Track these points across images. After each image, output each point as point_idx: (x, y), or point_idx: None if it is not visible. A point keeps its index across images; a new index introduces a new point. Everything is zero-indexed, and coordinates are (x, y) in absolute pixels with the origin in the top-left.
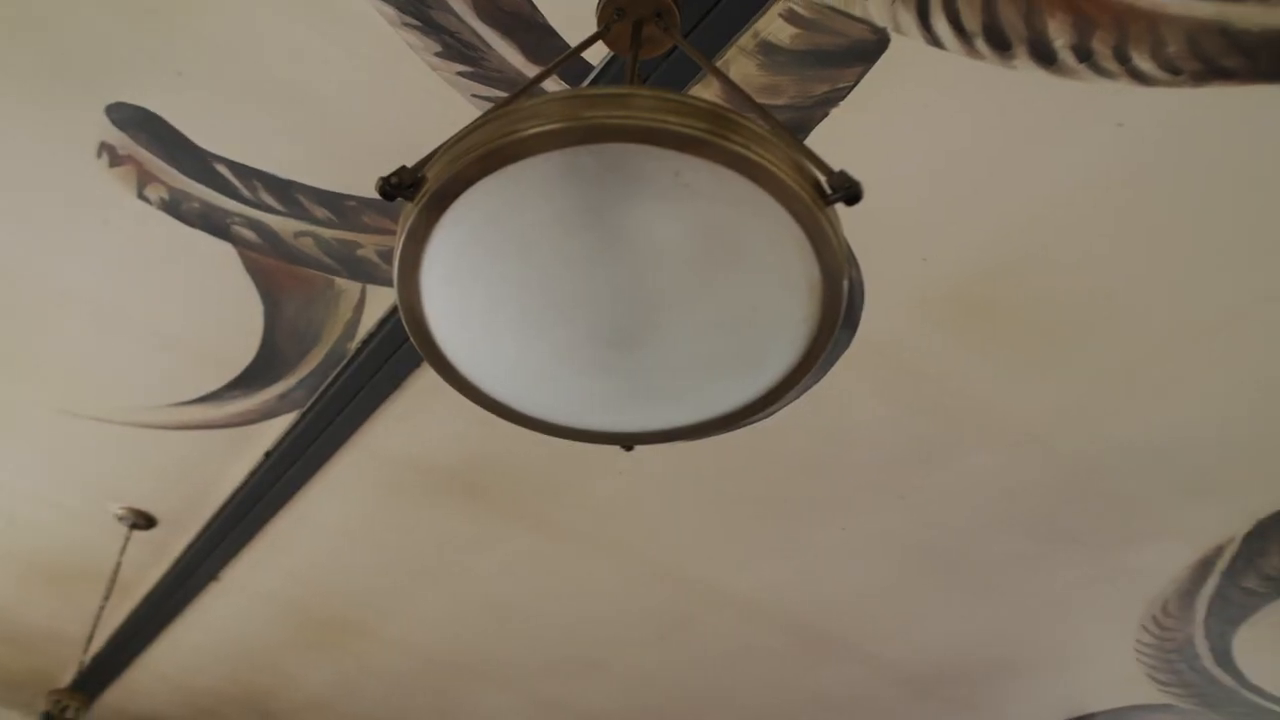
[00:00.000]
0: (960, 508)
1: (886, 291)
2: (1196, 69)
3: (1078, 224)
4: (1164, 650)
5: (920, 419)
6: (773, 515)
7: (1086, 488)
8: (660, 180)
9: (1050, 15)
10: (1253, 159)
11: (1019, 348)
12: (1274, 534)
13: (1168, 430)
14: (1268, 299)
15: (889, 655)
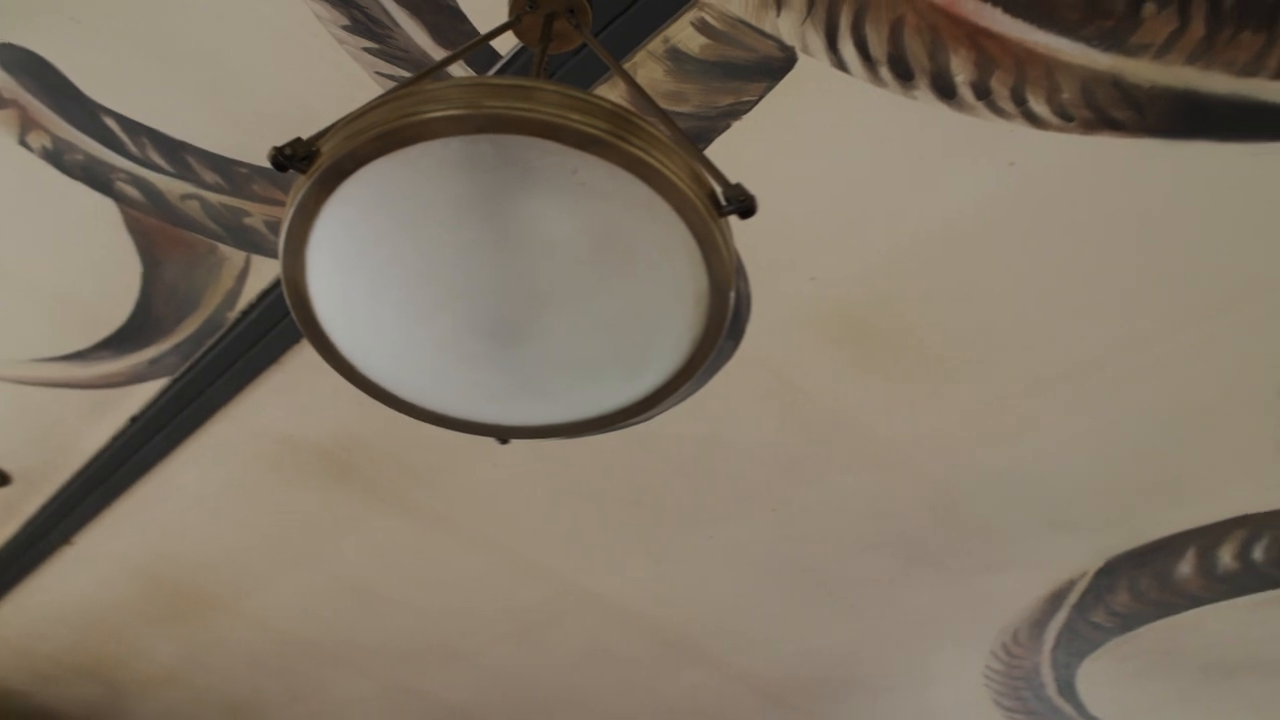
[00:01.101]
0: (828, 525)
1: (772, 307)
2: (1088, 117)
3: (964, 257)
4: (1011, 677)
5: (795, 435)
6: (643, 519)
7: (951, 514)
8: (557, 176)
9: (954, 51)
10: (1133, 210)
11: (897, 372)
12: (1124, 572)
13: (1033, 464)
14: (1136, 345)
15: (746, 665)
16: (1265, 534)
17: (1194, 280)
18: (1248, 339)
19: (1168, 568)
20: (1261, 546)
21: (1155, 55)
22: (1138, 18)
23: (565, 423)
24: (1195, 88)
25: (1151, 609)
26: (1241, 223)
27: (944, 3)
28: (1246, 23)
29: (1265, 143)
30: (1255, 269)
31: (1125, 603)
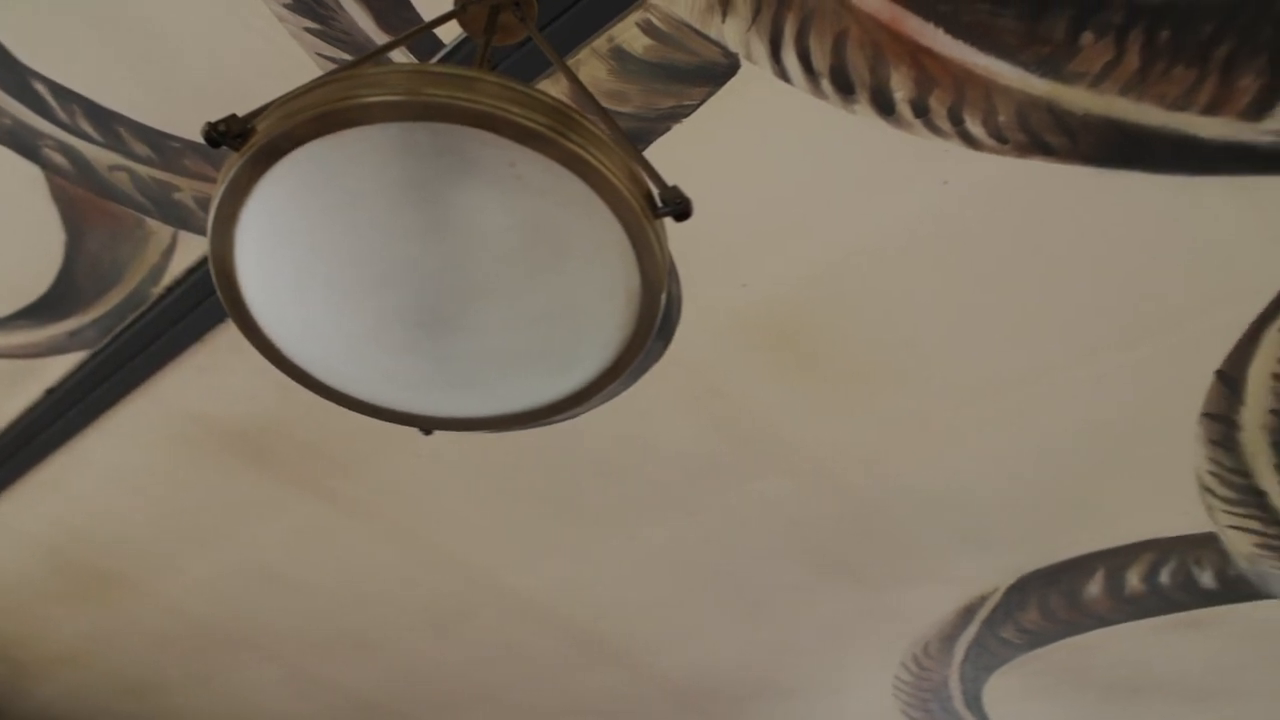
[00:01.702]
0: (746, 530)
1: (703, 310)
2: (1022, 141)
3: (893, 271)
4: (920, 689)
5: (718, 439)
6: (563, 516)
7: (868, 525)
8: (494, 169)
9: (895, 67)
10: (1062, 234)
11: (823, 383)
12: (1034, 590)
13: (951, 480)
14: (1058, 366)
15: (659, 666)
16: (1172, 558)
17: (1118, 306)
18: (1167, 366)
19: (1077, 587)
20: (1168, 570)
21: (1090, 84)
22: (1075, 46)
23: (490, 416)
24: (1127, 118)
25: (1059, 627)
26: (1166, 253)
27: (888, 19)
28: (1179, 58)
29: (1191, 176)
30: (1177, 299)
31: (1034, 620)
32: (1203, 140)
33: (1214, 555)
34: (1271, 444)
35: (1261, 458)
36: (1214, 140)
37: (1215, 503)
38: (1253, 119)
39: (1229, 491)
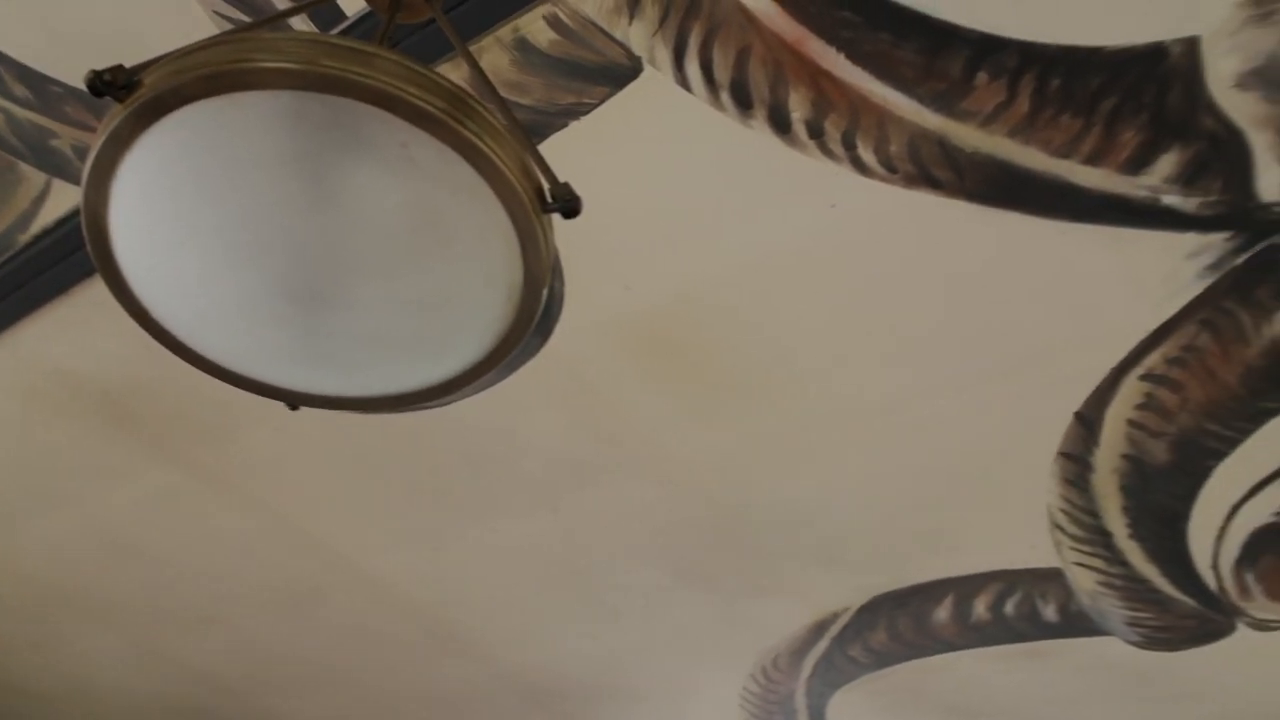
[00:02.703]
0: (606, 531)
1: (584, 309)
2: (911, 172)
3: (776, 287)
4: (766, 701)
5: (588, 439)
6: (426, 503)
7: (728, 536)
8: (386, 148)
9: (794, 88)
10: (941, 266)
11: (696, 392)
12: (885, 611)
13: (813, 497)
14: (926, 395)
15: (511, 661)
16: (1019, 590)
17: (988, 341)
18: (1030, 404)
19: (926, 611)
20: (1014, 601)
21: (981, 123)
22: (970, 85)
23: (359, 397)
24: (1013, 160)
25: (906, 649)
26: (1038, 294)
27: (791, 40)
28: (1067, 107)
29: (1069, 222)
30: (1044, 339)
31: (882, 640)
32: (1082, 188)
33: (1058, 590)
34: (1121, 487)
35: (1111, 499)
36: (1092, 190)
37: (1064, 539)
38: (1130, 173)
39: (1078, 530)
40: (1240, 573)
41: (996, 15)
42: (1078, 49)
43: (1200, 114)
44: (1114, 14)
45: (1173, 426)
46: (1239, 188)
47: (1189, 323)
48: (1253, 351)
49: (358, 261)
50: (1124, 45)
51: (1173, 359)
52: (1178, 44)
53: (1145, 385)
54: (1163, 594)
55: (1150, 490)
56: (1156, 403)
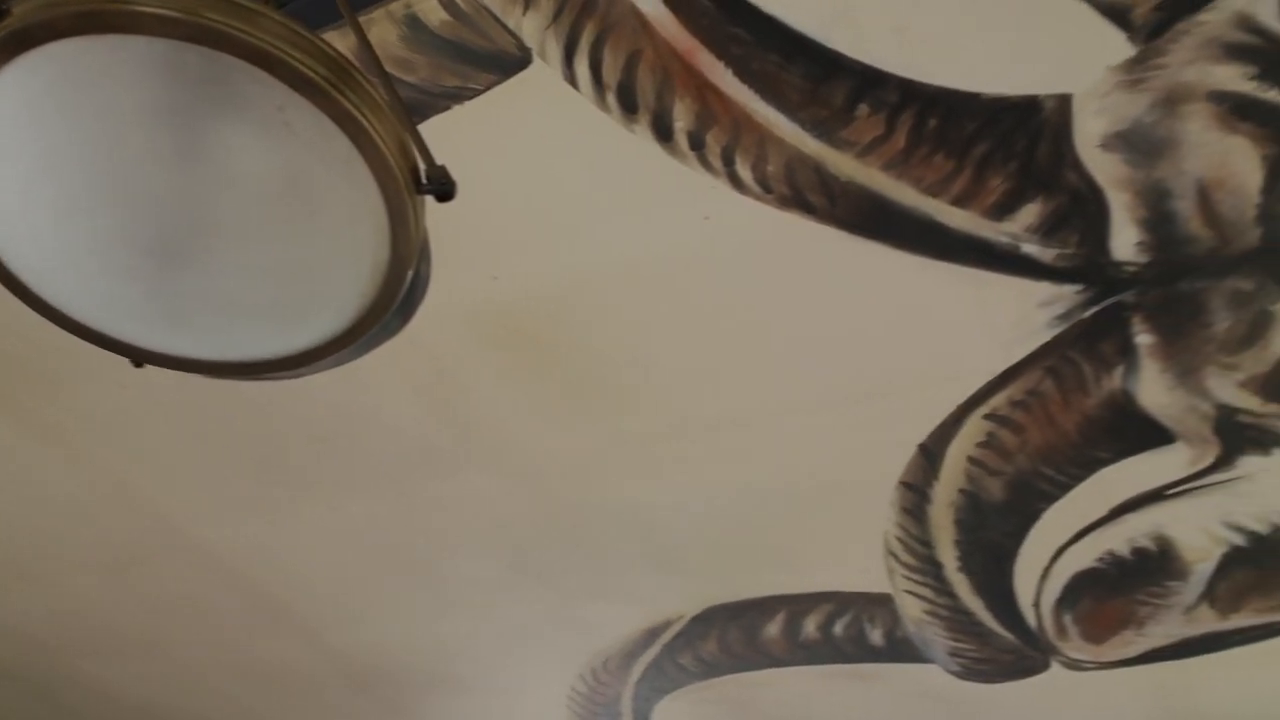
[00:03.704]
0: (449, 520)
1: (449, 295)
2: (785, 193)
3: (643, 293)
4: (593, 703)
5: (440, 426)
6: (266, 476)
7: (570, 535)
8: (262, 110)
9: (680, 98)
10: (806, 289)
11: (554, 389)
12: (718, 622)
13: (658, 504)
14: (780, 414)
15: (339, 643)
16: (849, 612)
17: (843, 366)
18: (877, 432)
19: (757, 626)
20: (843, 623)
21: (858, 154)
22: (851, 115)
23: (207, 360)
24: (884, 193)
25: (734, 661)
26: (896, 325)
27: (683, 50)
28: (941, 148)
29: (931, 259)
30: (898, 369)
31: (712, 651)
32: (947, 228)
33: (886, 615)
34: (956, 521)
35: (945, 532)
36: (957, 230)
37: (896, 566)
38: (994, 218)
39: (910, 558)
40: (1059, 613)
41: (884, 51)
42: (957, 93)
43: (1066, 169)
44: (994, 63)
45: (1010, 467)
46: (1094, 244)
47: (1035, 368)
48: (1092, 402)
49: (219, 222)
50: (1001, 94)
51: (1016, 402)
52: (1051, 99)
53: (988, 424)
54: (985, 627)
55: (983, 526)
56: (997, 442)
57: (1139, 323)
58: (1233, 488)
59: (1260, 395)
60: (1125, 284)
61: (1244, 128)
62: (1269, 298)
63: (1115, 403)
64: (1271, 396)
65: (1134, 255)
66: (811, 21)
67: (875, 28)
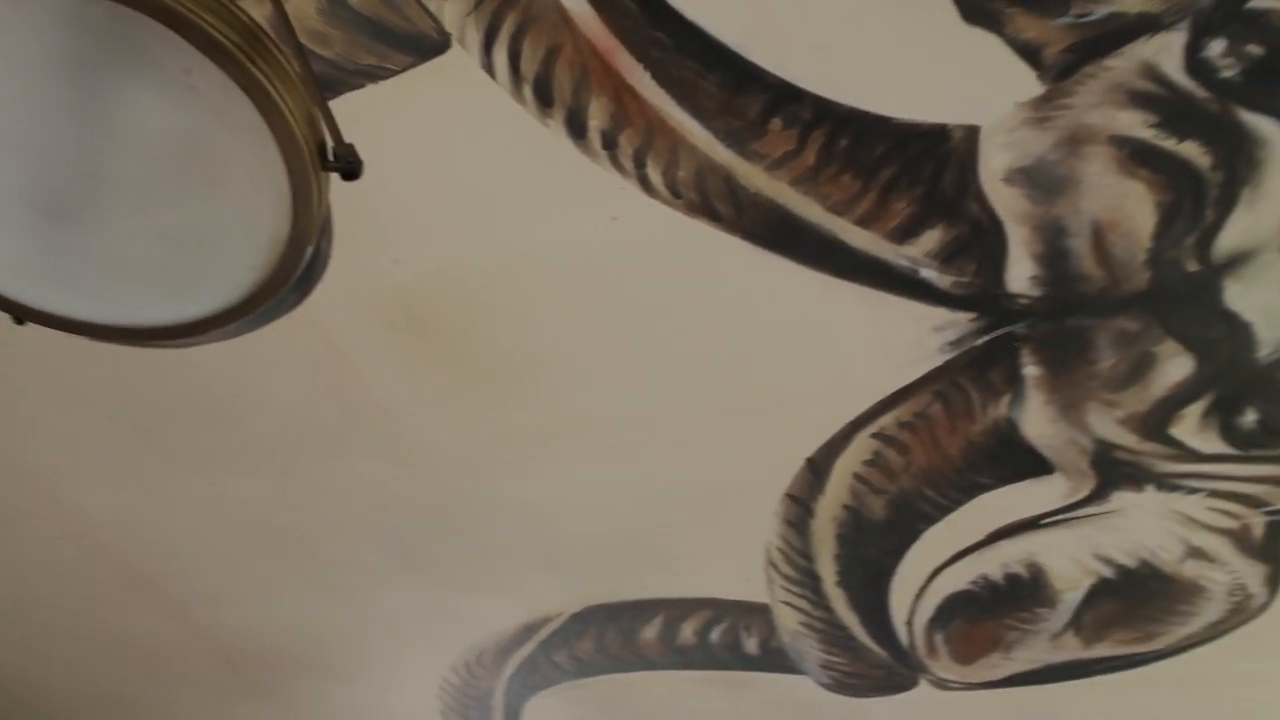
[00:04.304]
0: (332, 504)
1: (348, 275)
2: (694, 200)
3: (544, 289)
4: (465, 695)
5: (329, 407)
6: (148, 446)
7: (455, 526)
8: (169, 71)
9: (597, 96)
10: (708, 297)
11: (448, 378)
12: (596, 621)
13: (545, 501)
14: (672, 419)
15: (211, 622)
16: (726, 619)
17: (739, 376)
18: (768, 443)
19: (635, 628)
20: (720, 630)
21: (768, 167)
22: (764, 128)
23: (94, 323)
24: (791, 208)
25: (609, 661)
26: (793, 339)
27: (603, 49)
28: (850, 168)
29: (832, 277)
30: (792, 383)
31: (588, 650)
32: (850, 247)
33: (762, 624)
34: (837, 536)
35: (826, 546)
36: (859, 250)
37: (776, 577)
38: (896, 241)
39: (790, 570)
40: (931, 632)
41: (802, 67)
42: (870, 115)
43: (969, 199)
44: (909, 89)
45: (894, 486)
46: (990, 274)
47: (925, 391)
48: (977, 428)
49: (114, 182)
50: (912, 121)
51: (904, 423)
52: (960, 129)
53: (875, 443)
54: (858, 642)
55: (863, 543)
56: (883, 461)
57: (1028, 354)
58: (1105, 521)
59: (1137, 433)
60: (1017, 315)
61: (1141, 173)
62: (1153, 340)
63: (999, 431)
64: (1148, 435)
65: (1028, 288)
66: (733, 32)
67: (796, 44)
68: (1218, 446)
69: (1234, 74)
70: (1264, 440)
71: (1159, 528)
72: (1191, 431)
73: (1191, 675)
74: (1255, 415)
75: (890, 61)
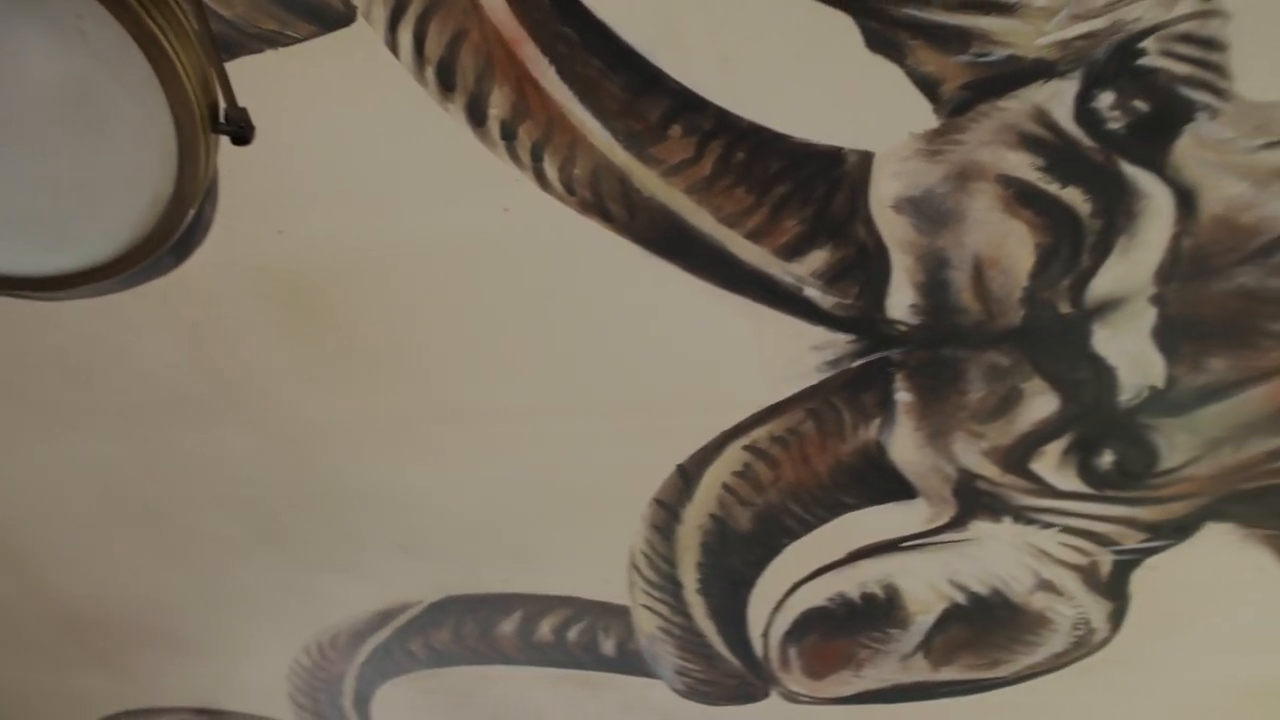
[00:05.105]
0: (194, 473)
1: (230, 242)
2: (588, 199)
3: (429, 274)
4: (315, 678)
5: (198, 375)
6: (3, 397)
7: (318, 506)
8: (60, 15)
9: (500, 85)
10: (592, 295)
11: (323, 356)
12: (454, 611)
13: (412, 487)
14: (548, 415)
15: (54, 585)
16: (585, 619)
17: (617, 378)
18: (641, 447)
19: (493, 621)
20: (578, 629)
21: (664, 173)
22: (663, 134)
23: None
24: (683, 215)
25: (465, 653)
26: (674, 346)
27: (509, 38)
28: (744, 181)
29: (717, 287)
30: (670, 389)
31: (444, 640)
32: (738, 260)
33: (621, 626)
34: (701, 544)
35: (689, 553)
36: (747, 264)
37: (638, 580)
38: (784, 258)
39: (653, 574)
40: (786, 646)
41: (707, 77)
42: (768, 131)
43: (857, 223)
44: (809, 110)
45: (761, 499)
46: (872, 299)
47: (799, 408)
48: (846, 449)
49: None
50: (809, 140)
51: (776, 437)
52: (855, 154)
53: (746, 455)
54: (714, 650)
55: (726, 553)
56: (753, 474)
57: (901, 380)
58: (962, 548)
59: (1000, 465)
60: (894, 341)
61: (1024, 214)
62: (1022, 376)
63: (868, 453)
64: (1009, 468)
65: (906, 315)
66: (641, 36)
67: (702, 54)
68: (1074, 484)
69: (1119, 127)
70: (1118, 482)
71: (1012, 559)
72: (1051, 468)
73: (1031, 704)
74: (1112, 457)
75: (793, 80)
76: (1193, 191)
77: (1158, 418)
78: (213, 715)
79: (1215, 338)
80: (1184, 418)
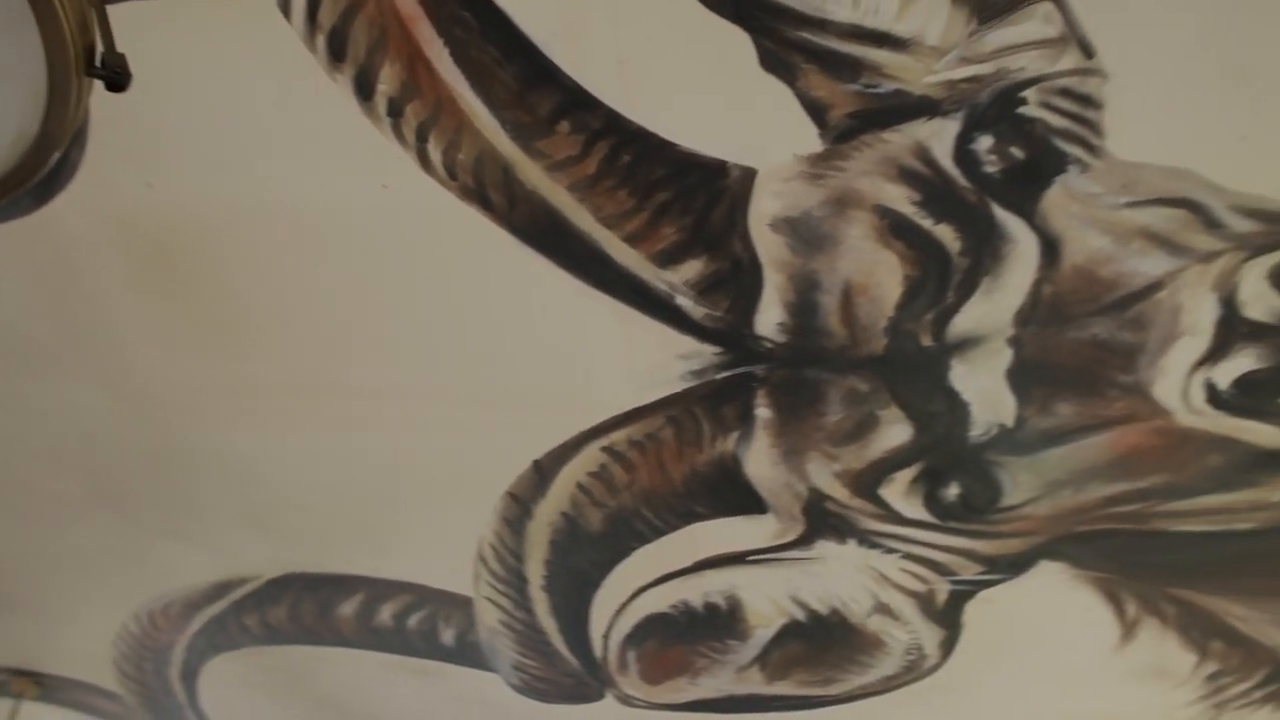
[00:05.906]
0: (33, 424)
1: (96, 191)
2: (469, 185)
3: (298, 244)
4: (143, 646)
5: (50, 324)
6: None
7: (163, 470)
8: None
9: (391, 62)
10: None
11: (184, 317)
12: (294, 589)
13: (261, 458)
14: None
15: None
16: (427, 607)
17: (483, 368)
18: (500, 438)
19: (333, 602)
20: (419, 616)
21: (548, 167)
22: (551, 129)
23: None
24: (563, 212)
25: (301, 632)
26: (543, 341)
27: (405, 15)
28: (627, 184)
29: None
30: (534, 383)
31: (280, 618)
32: (613, 261)
33: (462, 617)
34: (550, 541)
35: (538, 549)
36: (621, 266)
37: (484, 572)
38: (659, 264)
39: (499, 567)
40: (625, 649)
41: (601, 77)
42: (656, 137)
43: (734, 238)
44: (698, 121)
45: (614, 501)
46: (741, 313)
47: (659, 414)
48: (703, 458)
49: None
50: (695, 151)
51: (635, 441)
52: (739, 169)
53: (604, 457)
54: (553, 648)
55: (575, 552)
56: (608, 475)
57: (762, 396)
58: (806, 566)
59: (850, 488)
60: (759, 358)
61: (897, 245)
62: (879, 403)
63: (723, 465)
64: (859, 492)
65: (773, 333)
66: (540, 29)
67: (599, 53)
68: (920, 513)
69: (995, 170)
70: (961, 514)
71: (854, 580)
72: (899, 495)
73: None
74: (958, 489)
75: (686, 90)
76: (1057, 241)
77: (1004, 455)
78: (31, 676)
79: (1065, 384)
80: (1029, 458)
